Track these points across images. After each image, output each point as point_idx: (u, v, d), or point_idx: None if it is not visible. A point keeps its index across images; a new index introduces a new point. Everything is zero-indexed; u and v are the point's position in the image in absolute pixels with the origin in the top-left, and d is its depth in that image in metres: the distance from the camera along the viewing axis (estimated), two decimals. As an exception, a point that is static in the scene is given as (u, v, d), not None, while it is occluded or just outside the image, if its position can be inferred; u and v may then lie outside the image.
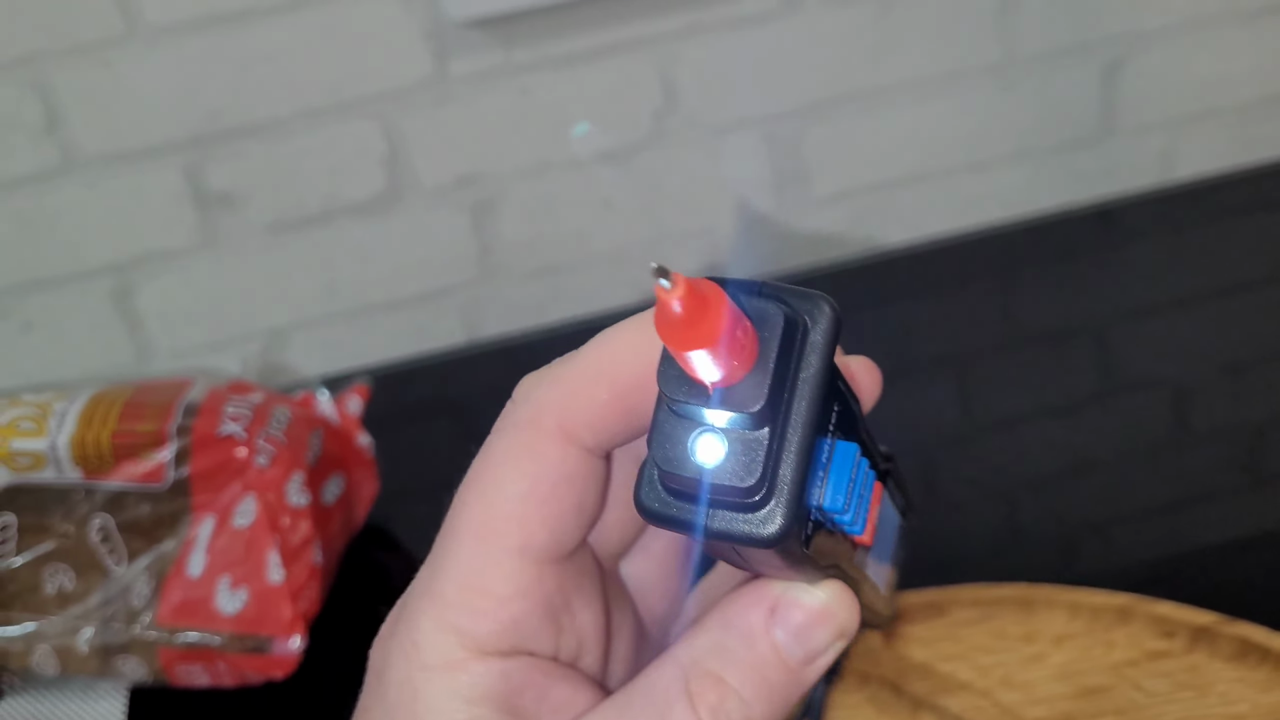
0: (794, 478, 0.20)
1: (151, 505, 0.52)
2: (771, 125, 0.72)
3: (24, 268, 0.68)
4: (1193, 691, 0.47)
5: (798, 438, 0.20)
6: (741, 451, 0.20)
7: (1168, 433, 0.62)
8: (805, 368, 0.21)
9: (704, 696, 0.22)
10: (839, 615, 0.23)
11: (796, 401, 0.20)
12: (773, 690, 0.23)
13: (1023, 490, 0.60)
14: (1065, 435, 0.62)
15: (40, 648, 0.53)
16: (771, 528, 0.20)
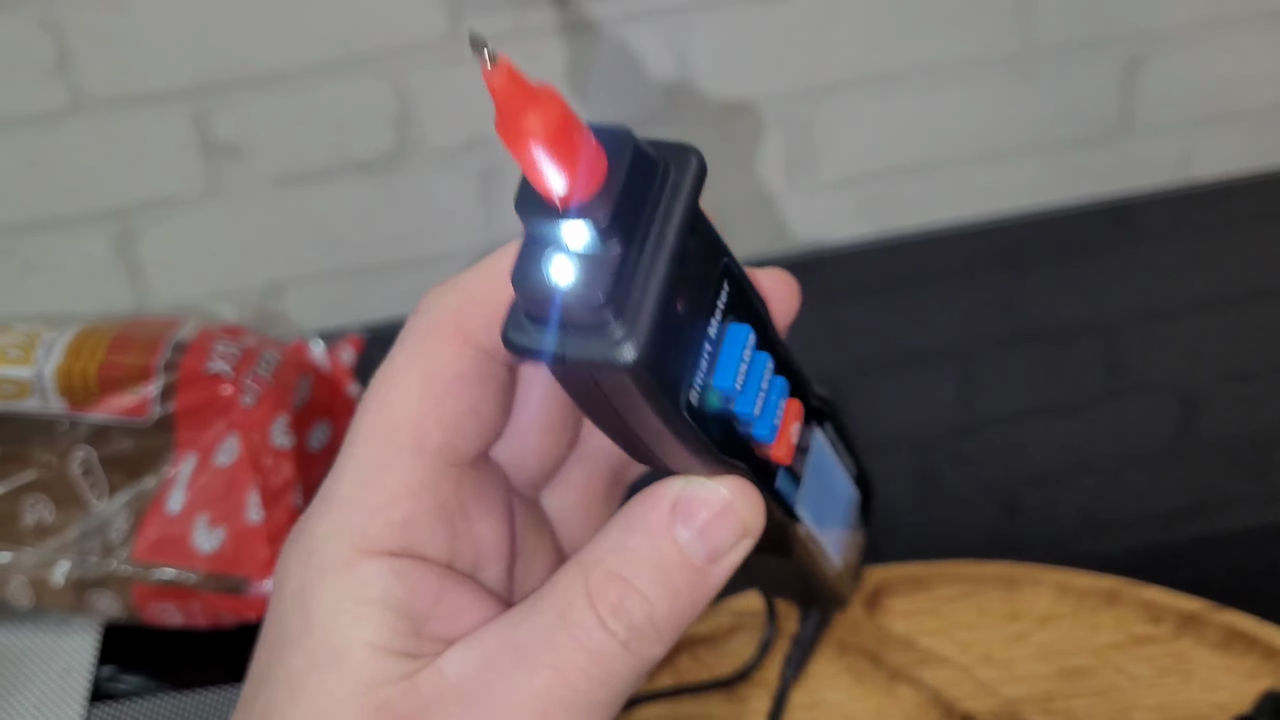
0: (651, 300, 0.20)
1: (134, 440, 0.52)
2: (783, 105, 0.72)
3: (26, 209, 0.68)
4: (1176, 677, 0.46)
5: (655, 260, 0.20)
6: (593, 270, 0.20)
7: (1171, 437, 0.61)
8: (666, 201, 0.21)
9: (604, 595, 0.22)
10: (741, 512, 0.23)
11: (656, 227, 0.20)
12: (677, 589, 0.22)
13: (1018, 483, 0.59)
14: (1066, 434, 0.61)
15: (15, 579, 0.53)
16: (626, 351, 0.20)
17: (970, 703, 0.45)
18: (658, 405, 0.21)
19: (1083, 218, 0.76)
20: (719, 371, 0.22)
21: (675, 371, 0.21)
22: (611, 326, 0.20)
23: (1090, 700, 0.45)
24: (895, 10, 0.70)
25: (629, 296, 0.20)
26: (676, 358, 0.21)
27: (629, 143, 0.20)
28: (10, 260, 0.69)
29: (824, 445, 0.29)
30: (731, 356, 0.22)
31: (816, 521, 0.29)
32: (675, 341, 0.21)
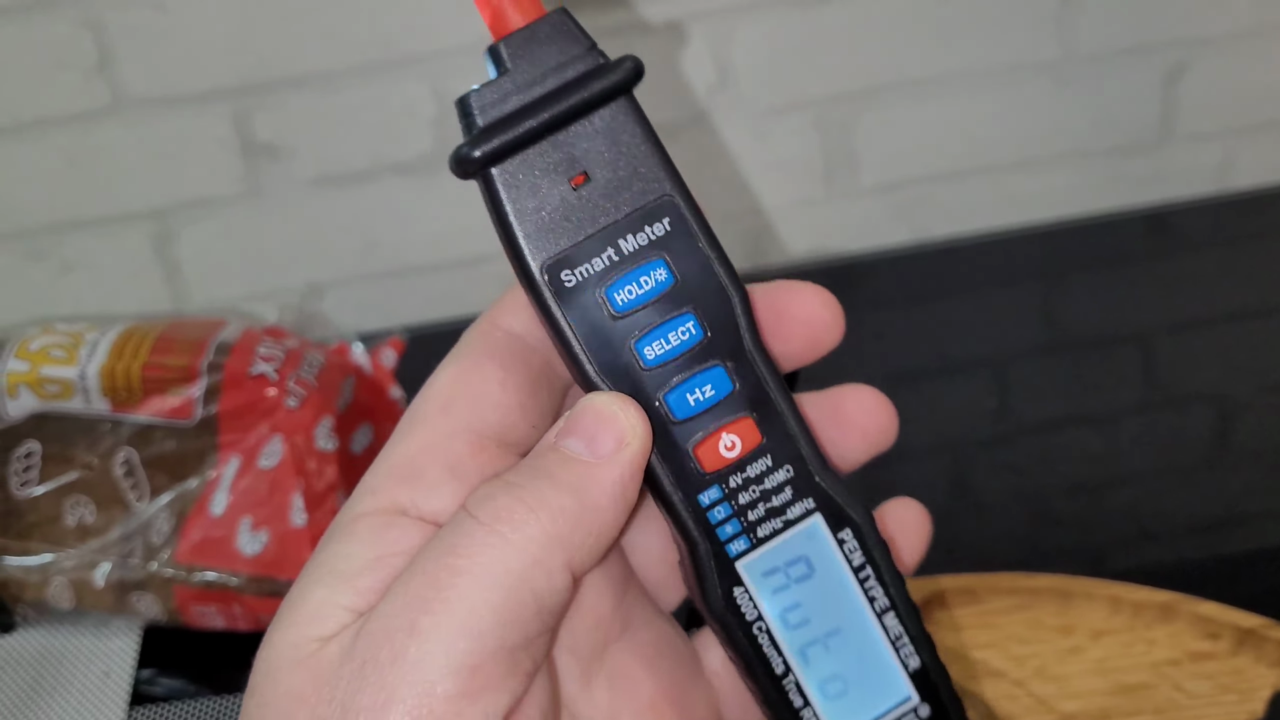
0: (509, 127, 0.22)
1: (177, 441, 0.52)
2: (823, 109, 0.71)
3: (66, 207, 0.68)
4: (1236, 695, 0.45)
5: (536, 106, 0.23)
6: (482, 93, 0.23)
7: (1209, 448, 0.60)
8: (588, 80, 0.23)
9: (475, 492, 0.22)
10: (619, 416, 0.23)
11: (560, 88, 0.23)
12: (555, 478, 0.22)
13: (1055, 494, 0.58)
14: (1103, 443, 0.60)
15: (56, 580, 0.52)
16: (467, 147, 0.22)
17: (1026, 718, 0.44)
18: (501, 220, 0.23)
19: (1121, 226, 0.75)
20: (615, 284, 0.23)
21: (540, 224, 0.23)
22: (474, 130, 0.23)
23: (1148, 718, 0.44)
24: (936, 15, 0.70)
25: (501, 118, 0.23)
26: (547, 218, 0.23)
27: (560, 13, 0.23)
28: (49, 259, 0.69)
29: (840, 567, 0.25)
30: (634, 282, 0.23)
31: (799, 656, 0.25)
32: (546, 200, 0.23)
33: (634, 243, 0.23)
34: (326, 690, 0.21)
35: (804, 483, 0.24)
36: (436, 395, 0.24)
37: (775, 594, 0.24)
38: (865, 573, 0.25)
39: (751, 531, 0.24)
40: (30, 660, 0.53)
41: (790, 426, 0.24)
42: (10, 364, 0.52)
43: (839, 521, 0.25)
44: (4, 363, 0.52)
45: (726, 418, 0.24)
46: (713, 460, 0.24)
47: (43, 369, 0.52)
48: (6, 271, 0.69)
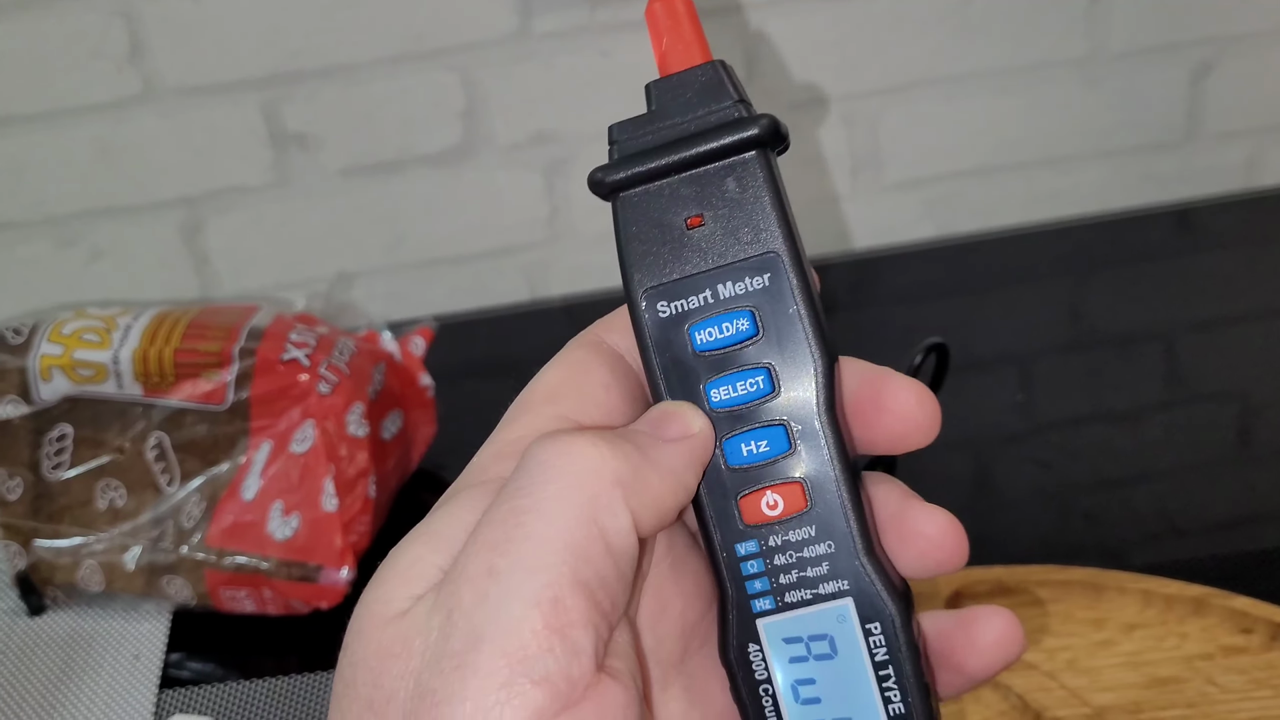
0: (640, 160, 0.24)
1: (209, 426, 0.52)
2: (850, 105, 0.71)
3: (97, 195, 0.68)
4: (1270, 691, 0.45)
5: (668, 145, 0.24)
6: (629, 124, 0.25)
7: (1232, 446, 0.59)
8: (722, 128, 0.24)
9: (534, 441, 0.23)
10: (687, 413, 0.24)
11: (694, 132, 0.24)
12: (621, 441, 0.23)
13: (1079, 490, 0.58)
14: (1127, 440, 0.60)
15: (87, 563, 0.53)
16: (603, 170, 0.25)
17: (1059, 710, 0.44)
18: (617, 240, 0.24)
19: (1147, 223, 0.75)
20: (700, 323, 0.24)
21: (651, 253, 0.25)
22: (612, 156, 0.25)
23: (1181, 711, 0.44)
24: (965, 12, 0.70)
25: (638, 151, 0.25)
26: (659, 249, 0.24)
27: (717, 64, 0.25)
28: (78, 246, 0.69)
29: (862, 658, 0.24)
30: (717, 326, 0.24)
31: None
32: (662, 233, 0.24)
33: (730, 290, 0.24)
34: (418, 642, 0.21)
35: (843, 562, 0.24)
36: (544, 388, 0.25)
37: (791, 663, 0.24)
38: (886, 672, 0.24)
39: (779, 595, 0.24)
40: (60, 642, 0.53)
41: (843, 502, 0.24)
42: (44, 347, 0.52)
43: (871, 611, 0.24)
44: (38, 346, 0.53)
45: (777, 477, 0.24)
46: (753, 514, 0.24)
47: (76, 353, 0.52)
48: (37, 258, 0.69)
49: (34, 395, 0.53)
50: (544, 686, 0.20)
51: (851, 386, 0.25)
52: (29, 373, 0.52)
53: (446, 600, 0.21)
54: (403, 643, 0.21)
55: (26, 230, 0.68)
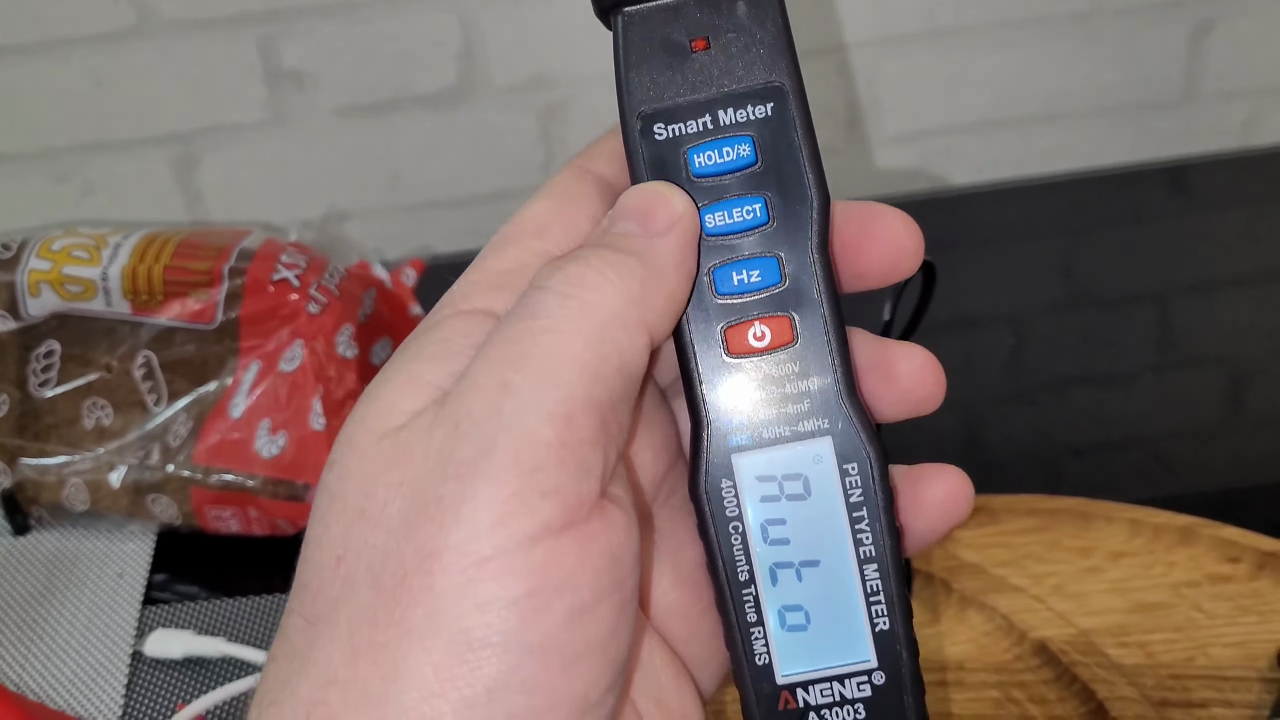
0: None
1: (197, 345, 0.52)
2: (847, 55, 0.71)
3: (90, 129, 0.68)
4: (1256, 617, 0.45)
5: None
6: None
7: (1223, 413, 0.59)
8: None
9: (540, 273, 0.22)
10: (667, 196, 0.23)
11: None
12: (618, 248, 0.22)
13: (1071, 452, 0.57)
14: (1117, 403, 0.60)
15: (72, 481, 0.52)
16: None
17: (1044, 631, 0.44)
18: (615, 59, 0.24)
19: (1144, 180, 0.75)
20: (698, 147, 0.24)
21: (651, 75, 0.24)
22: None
23: (1167, 635, 0.44)
24: (965, -36, 0.69)
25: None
26: (659, 71, 0.24)
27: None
28: (71, 180, 0.69)
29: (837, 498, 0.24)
30: (717, 150, 0.24)
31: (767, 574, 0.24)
32: (665, 54, 0.24)
33: (731, 117, 0.24)
34: (419, 451, 0.20)
35: (825, 400, 0.24)
36: (530, 220, 0.24)
37: (763, 502, 0.24)
38: (860, 514, 0.24)
39: (757, 429, 0.24)
40: (44, 562, 0.53)
41: (829, 340, 0.24)
42: (33, 262, 0.52)
43: (849, 452, 0.24)
44: (26, 261, 0.52)
45: (766, 309, 0.24)
46: (739, 345, 0.24)
47: (65, 268, 0.52)
48: (29, 191, 0.69)
49: (22, 310, 0.52)
50: (553, 500, 0.20)
51: (839, 222, 0.24)
52: (17, 287, 0.52)
53: (454, 412, 0.21)
54: (401, 453, 0.21)
55: (19, 162, 0.68)
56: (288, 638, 0.21)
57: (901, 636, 0.24)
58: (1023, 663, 0.43)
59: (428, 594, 0.19)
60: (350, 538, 0.20)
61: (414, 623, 0.19)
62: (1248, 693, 0.42)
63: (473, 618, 0.19)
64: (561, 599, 0.20)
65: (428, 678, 0.19)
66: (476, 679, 0.19)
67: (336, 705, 0.19)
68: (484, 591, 0.19)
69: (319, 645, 0.20)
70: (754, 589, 0.24)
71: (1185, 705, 0.41)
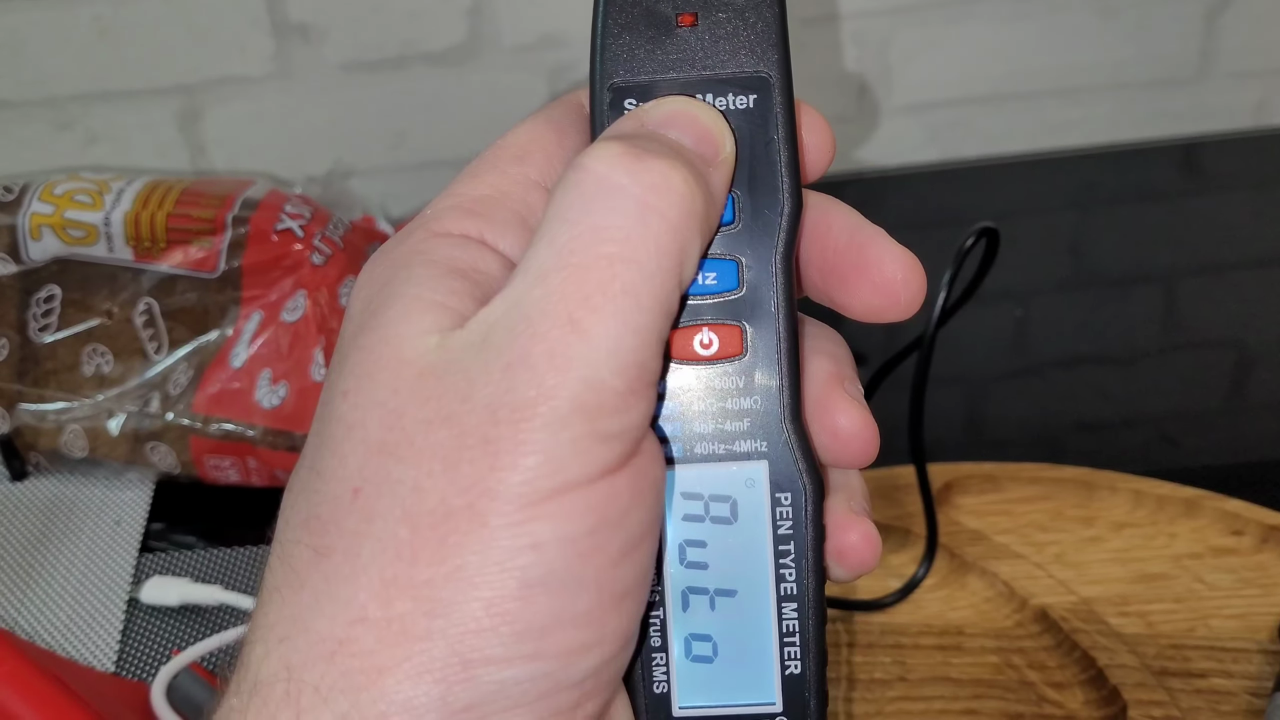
0: None
1: (199, 293, 0.51)
2: (861, 23, 0.71)
3: (96, 78, 0.67)
4: (1258, 589, 0.44)
5: None
6: None
7: (1225, 396, 0.59)
8: None
9: (599, 153, 0.20)
10: (720, 127, 0.21)
11: None
12: (688, 158, 0.20)
13: (1072, 430, 0.57)
14: (1120, 383, 0.59)
15: (71, 428, 0.52)
16: None
17: (1045, 598, 0.44)
18: (594, 24, 0.22)
19: (1154, 158, 0.74)
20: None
21: (629, 46, 0.22)
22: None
23: (1168, 606, 0.44)
24: (982, -65, 0.69)
25: None
26: (639, 43, 0.22)
27: None
28: (75, 129, 0.68)
29: (764, 528, 0.22)
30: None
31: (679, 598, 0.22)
32: (648, 25, 0.22)
33: (709, 104, 0.22)
34: (459, 385, 0.19)
35: (767, 422, 0.22)
36: (512, 145, 0.23)
37: (685, 520, 0.22)
38: (787, 547, 0.22)
39: (690, 443, 0.22)
40: (42, 508, 0.53)
41: (780, 358, 0.22)
42: (35, 205, 0.52)
43: (785, 480, 0.22)
44: (28, 204, 0.52)
45: (718, 316, 0.22)
46: (683, 350, 0.22)
47: (67, 212, 0.52)
48: (33, 139, 0.68)
49: (23, 254, 0.52)
50: (614, 444, 0.19)
51: (839, 239, 0.23)
52: (19, 230, 0.52)
53: (507, 347, 0.19)
54: (435, 385, 0.19)
55: (23, 110, 0.67)
56: (294, 570, 0.19)
57: (812, 684, 0.22)
58: (1023, 629, 0.43)
59: (481, 532, 0.18)
60: (369, 470, 0.19)
61: (463, 560, 0.18)
62: (1248, 664, 0.42)
63: (527, 555, 0.18)
64: (617, 536, 0.19)
65: (478, 614, 0.18)
66: (531, 615, 0.18)
67: (369, 642, 0.18)
68: (540, 530, 0.18)
69: (338, 580, 0.19)
70: (662, 612, 0.22)
71: (1185, 675, 0.41)
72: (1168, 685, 0.41)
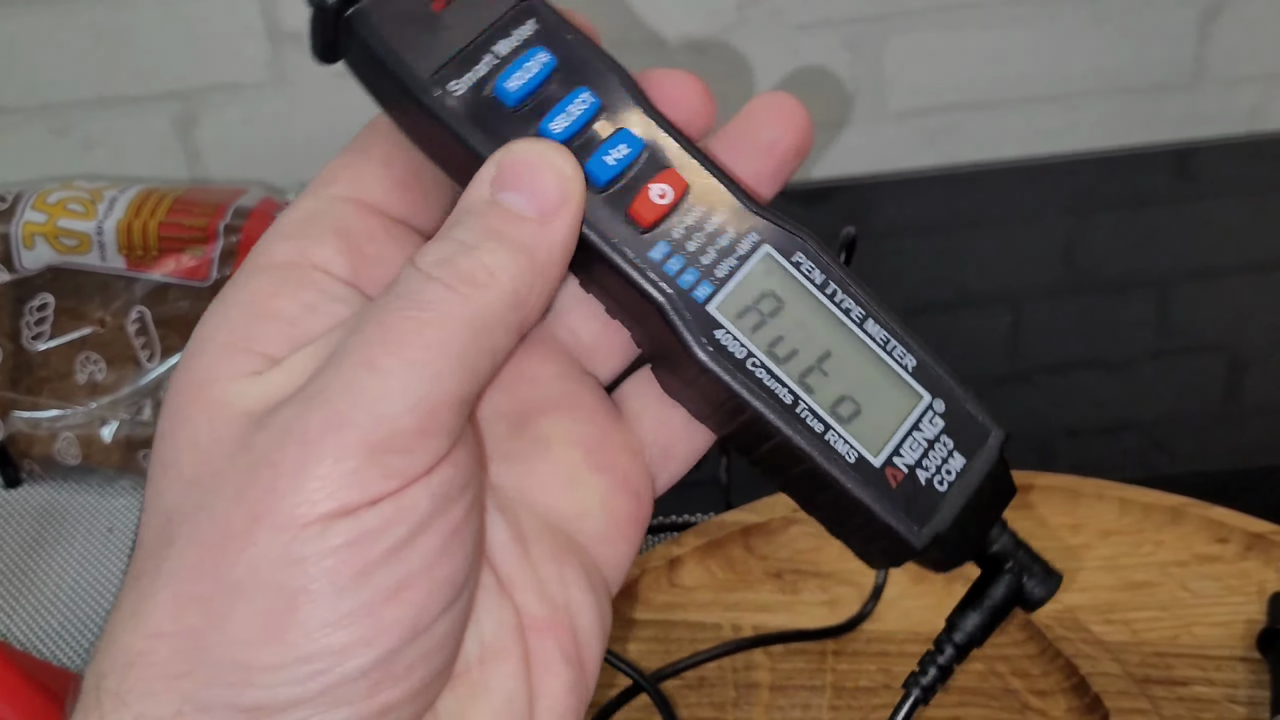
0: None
1: (191, 302, 0.52)
2: (855, 29, 0.71)
3: (93, 84, 0.68)
4: (1242, 597, 0.45)
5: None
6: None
7: (1219, 401, 0.59)
8: None
9: (426, 253, 0.22)
10: (558, 162, 0.23)
11: None
12: (505, 238, 0.22)
13: (1064, 435, 0.57)
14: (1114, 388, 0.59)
15: (64, 435, 0.52)
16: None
17: (1029, 605, 0.44)
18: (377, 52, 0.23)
19: (1148, 163, 0.74)
20: (503, 75, 0.24)
21: (413, 48, 0.23)
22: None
23: (1154, 614, 0.44)
24: (975, -60, 0.69)
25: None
26: (419, 41, 0.23)
27: None
28: (71, 136, 0.68)
29: (806, 290, 0.25)
30: (520, 69, 0.24)
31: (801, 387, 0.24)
32: (415, 27, 0.23)
33: (509, 44, 0.24)
34: (262, 418, 0.21)
35: (742, 217, 0.25)
36: (323, 174, 0.24)
37: (755, 331, 0.24)
38: (831, 288, 0.25)
39: (710, 274, 0.24)
40: (35, 514, 0.53)
41: (711, 170, 0.25)
42: (28, 214, 0.52)
43: (788, 246, 0.25)
44: (21, 213, 0.52)
45: (649, 172, 0.24)
46: (650, 212, 0.24)
47: (60, 221, 0.52)
48: (29, 145, 0.69)
49: (16, 263, 0.52)
50: (395, 479, 0.20)
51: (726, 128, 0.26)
52: (12, 239, 0.52)
53: (311, 384, 0.21)
54: (244, 420, 0.21)
55: (20, 115, 0.68)
56: (122, 592, 0.22)
57: (929, 362, 0.25)
58: (1007, 636, 0.43)
59: (252, 549, 0.20)
60: (180, 501, 0.21)
61: (237, 577, 0.20)
62: (1231, 672, 0.42)
63: (291, 570, 0.20)
64: (380, 541, 0.20)
65: (251, 625, 0.20)
66: (297, 623, 0.20)
67: (164, 653, 0.20)
68: (305, 548, 0.20)
69: (141, 599, 0.21)
70: (803, 404, 0.24)
71: (1168, 683, 0.41)
72: (1150, 693, 0.41)
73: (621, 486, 0.25)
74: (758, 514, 0.48)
